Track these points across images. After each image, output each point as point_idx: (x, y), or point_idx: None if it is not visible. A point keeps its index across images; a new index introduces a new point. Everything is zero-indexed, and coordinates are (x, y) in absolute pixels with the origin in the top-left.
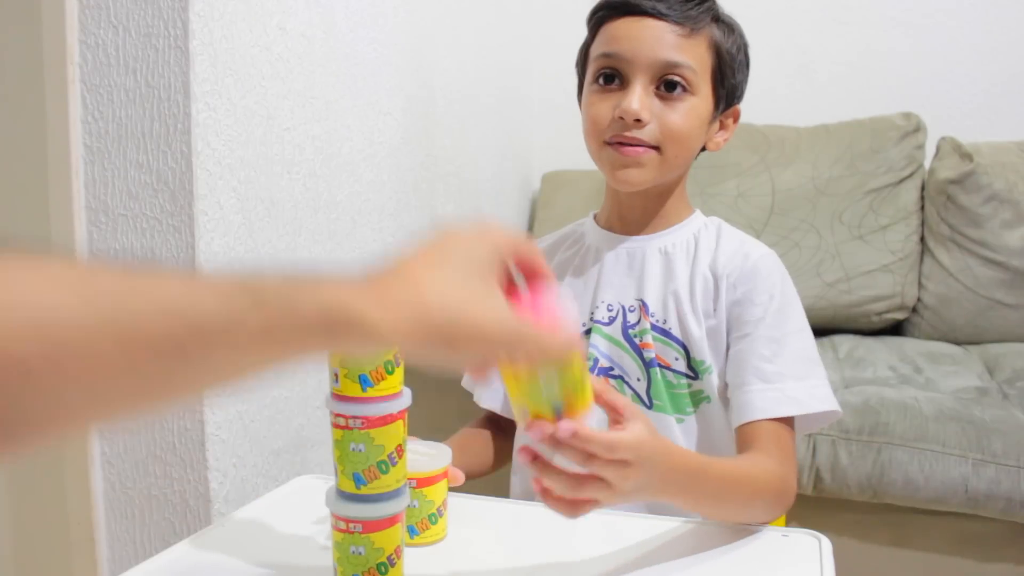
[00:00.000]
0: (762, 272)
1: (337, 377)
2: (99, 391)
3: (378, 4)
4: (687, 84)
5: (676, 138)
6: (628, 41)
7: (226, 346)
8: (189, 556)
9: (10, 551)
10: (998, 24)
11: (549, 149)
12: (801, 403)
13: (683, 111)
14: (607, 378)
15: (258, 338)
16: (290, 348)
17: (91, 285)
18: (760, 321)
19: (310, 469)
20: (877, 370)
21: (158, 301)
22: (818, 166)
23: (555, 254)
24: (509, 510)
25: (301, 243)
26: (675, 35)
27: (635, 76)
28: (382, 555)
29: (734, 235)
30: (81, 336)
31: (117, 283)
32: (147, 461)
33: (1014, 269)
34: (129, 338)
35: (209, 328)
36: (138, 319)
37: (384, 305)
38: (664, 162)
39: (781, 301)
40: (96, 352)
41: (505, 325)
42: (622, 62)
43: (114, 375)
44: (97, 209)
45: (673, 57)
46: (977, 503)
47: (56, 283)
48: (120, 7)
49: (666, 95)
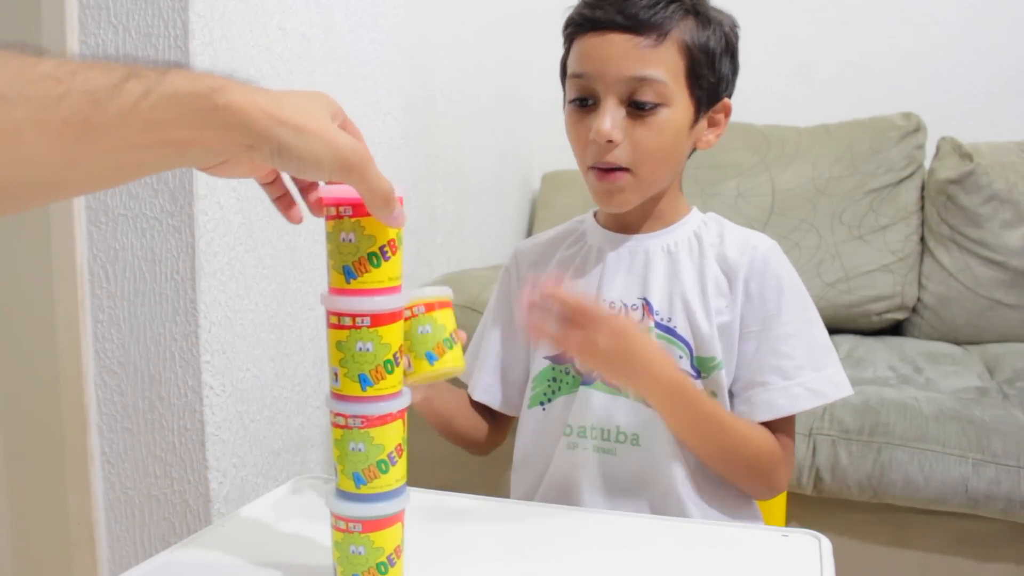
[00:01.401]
0: (772, 266)
1: (337, 376)
2: (27, 169)
3: (378, 4)
4: (658, 97)
5: (649, 157)
6: (593, 61)
7: (120, 114)
8: (189, 556)
9: (10, 551)
10: (998, 24)
11: (549, 149)
12: (822, 394)
13: (656, 127)
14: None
15: (142, 105)
16: (173, 123)
17: (22, 78)
18: (774, 317)
19: (310, 469)
20: (877, 370)
21: (68, 83)
22: (818, 166)
23: (556, 251)
24: (509, 510)
25: (301, 243)
26: (640, 47)
27: (605, 95)
28: (382, 555)
29: (735, 229)
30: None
31: (40, 72)
32: (147, 461)
33: (1014, 269)
34: (47, 120)
35: (102, 96)
36: (61, 103)
37: (248, 92)
38: (641, 182)
39: (791, 293)
40: (23, 135)
41: (346, 140)
42: (592, 81)
43: (37, 153)
44: (97, 209)
45: (639, 72)
46: (977, 503)
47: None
48: (120, 7)
49: (637, 112)
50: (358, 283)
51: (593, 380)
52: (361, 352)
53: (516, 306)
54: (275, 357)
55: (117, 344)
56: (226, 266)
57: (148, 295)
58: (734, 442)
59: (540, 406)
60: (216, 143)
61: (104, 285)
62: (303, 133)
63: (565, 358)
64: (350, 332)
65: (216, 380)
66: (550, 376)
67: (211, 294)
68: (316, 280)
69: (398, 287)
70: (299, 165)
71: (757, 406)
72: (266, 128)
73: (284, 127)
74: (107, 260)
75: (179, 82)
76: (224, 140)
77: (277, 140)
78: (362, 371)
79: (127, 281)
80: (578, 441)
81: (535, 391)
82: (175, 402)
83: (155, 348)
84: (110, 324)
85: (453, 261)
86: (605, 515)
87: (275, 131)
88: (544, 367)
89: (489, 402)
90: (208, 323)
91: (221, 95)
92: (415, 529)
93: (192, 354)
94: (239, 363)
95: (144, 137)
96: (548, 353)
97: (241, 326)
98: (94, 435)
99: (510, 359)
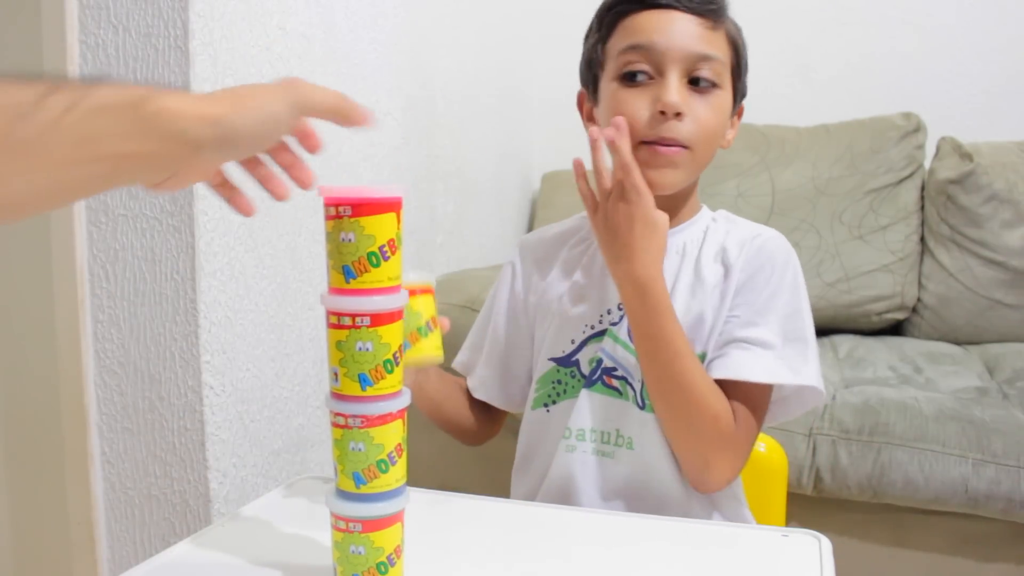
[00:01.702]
0: (767, 249)
1: (337, 376)
2: None
3: (378, 4)
4: (716, 77)
5: (707, 134)
6: (658, 33)
7: (45, 128)
8: (189, 556)
9: (10, 551)
10: (998, 24)
11: (549, 149)
12: (774, 373)
13: (713, 106)
14: (610, 377)
15: (68, 119)
16: (104, 136)
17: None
18: (757, 292)
19: (310, 469)
20: (877, 370)
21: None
22: (818, 166)
23: (561, 248)
24: (509, 510)
25: (301, 243)
26: (702, 27)
27: (669, 69)
28: (382, 555)
29: (745, 224)
30: None
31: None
32: (147, 461)
33: (1014, 269)
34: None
35: (25, 110)
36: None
37: (179, 96)
38: (694, 161)
39: (782, 277)
40: None
41: (282, 87)
42: (654, 55)
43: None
44: (97, 209)
45: (704, 50)
46: (977, 503)
47: None
48: (120, 7)
49: (696, 89)
50: (358, 283)
51: (595, 382)
52: (361, 352)
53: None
54: (275, 357)
55: (117, 344)
56: (226, 266)
57: (148, 295)
58: (683, 378)
59: (544, 407)
60: (158, 158)
61: (104, 285)
62: (241, 110)
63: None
64: (350, 332)
65: (216, 380)
66: (554, 378)
67: (211, 294)
68: (316, 280)
69: (398, 287)
70: (253, 140)
71: (714, 366)
72: (201, 126)
73: (220, 116)
74: (107, 260)
75: (106, 94)
76: (166, 152)
77: (220, 130)
78: (362, 371)
79: (127, 281)
80: (576, 444)
81: (539, 392)
82: (175, 402)
83: (155, 348)
84: (110, 324)
85: (453, 261)
86: (605, 515)
87: (214, 124)
88: (549, 368)
89: (486, 397)
90: (208, 323)
91: (152, 103)
92: (415, 529)
93: (192, 354)
94: (239, 363)
95: (76, 152)
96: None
97: (241, 326)
98: (94, 435)
99: (512, 355)
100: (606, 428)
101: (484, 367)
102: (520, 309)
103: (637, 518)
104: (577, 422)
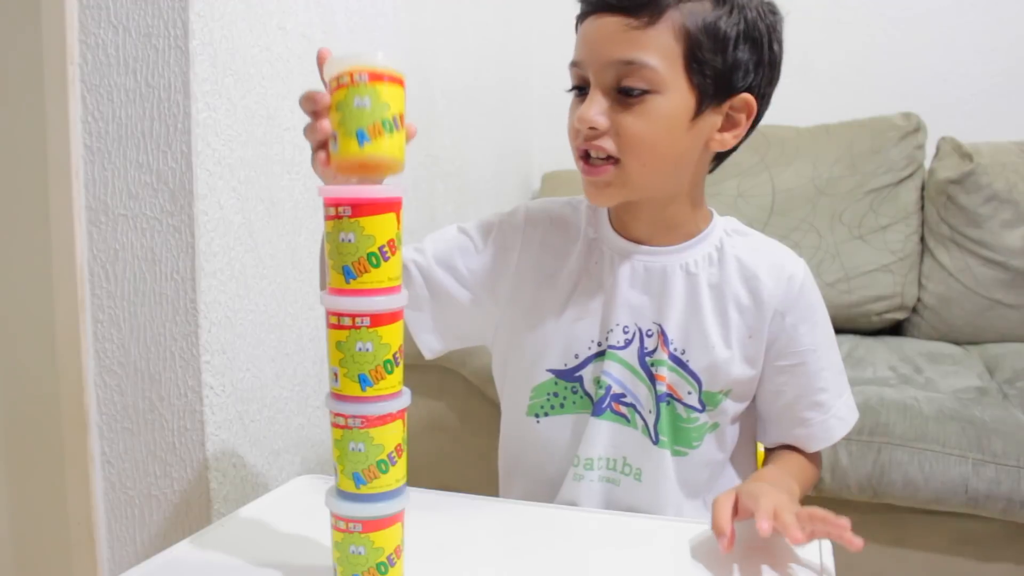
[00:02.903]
0: (807, 298)
1: (337, 376)
2: None
3: (378, 4)
4: (646, 83)
5: (634, 146)
6: (585, 45)
7: None
8: (189, 556)
9: (10, 551)
10: (998, 24)
11: (549, 149)
12: (846, 421)
13: (642, 114)
14: (618, 404)
15: None
16: None
17: None
18: (810, 352)
19: (310, 469)
20: (877, 370)
21: None
22: (818, 166)
23: (563, 243)
24: (509, 510)
25: (301, 243)
26: (629, 29)
27: (592, 82)
28: (382, 555)
29: (762, 243)
30: None
31: None
32: (147, 461)
33: (1014, 269)
34: None
35: None
36: None
37: None
38: (627, 175)
39: (824, 323)
40: None
41: None
42: (583, 68)
43: None
44: (97, 209)
45: (625, 55)
46: (977, 503)
47: None
48: (120, 7)
49: (624, 99)
50: (358, 283)
51: (604, 410)
52: (361, 352)
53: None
54: (275, 357)
55: (117, 344)
56: (226, 266)
57: (148, 295)
58: (803, 491)
59: (535, 417)
60: None
61: (104, 285)
62: None
63: None
64: (350, 332)
65: (216, 380)
66: (551, 390)
67: (211, 294)
68: (316, 280)
69: (398, 287)
70: None
71: (800, 442)
72: None
73: None
74: (107, 260)
75: None
76: None
77: None
78: (362, 371)
79: (127, 281)
80: (584, 473)
81: (533, 401)
82: (175, 402)
83: (155, 348)
84: (110, 324)
85: None
86: (604, 515)
87: None
88: (546, 379)
89: (439, 351)
90: (208, 323)
91: None
92: (415, 529)
93: (192, 354)
94: (239, 363)
95: None
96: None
97: (241, 326)
98: (94, 435)
99: (463, 311)
100: (613, 455)
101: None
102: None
103: (637, 518)
104: (587, 451)
